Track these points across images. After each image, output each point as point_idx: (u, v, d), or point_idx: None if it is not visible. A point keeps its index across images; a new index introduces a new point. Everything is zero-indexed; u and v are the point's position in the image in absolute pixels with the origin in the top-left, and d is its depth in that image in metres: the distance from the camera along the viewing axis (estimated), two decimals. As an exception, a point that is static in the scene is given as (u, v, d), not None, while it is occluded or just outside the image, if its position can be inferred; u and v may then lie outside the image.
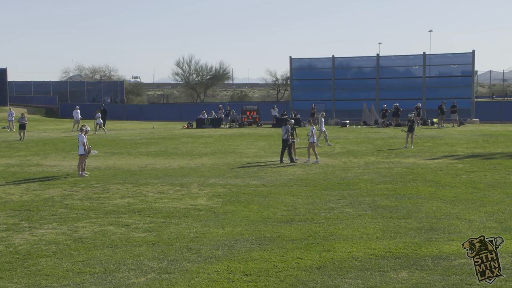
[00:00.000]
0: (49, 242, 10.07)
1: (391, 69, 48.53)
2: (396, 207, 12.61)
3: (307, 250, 9.31)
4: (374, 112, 43.93)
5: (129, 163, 21.44)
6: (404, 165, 19.47)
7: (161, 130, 40.39)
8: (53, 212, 12.64)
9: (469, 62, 45.48)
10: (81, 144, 18.23)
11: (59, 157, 23.72)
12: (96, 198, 14.34)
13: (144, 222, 11.59)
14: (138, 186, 16.07)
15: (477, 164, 19.51)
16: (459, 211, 12.14)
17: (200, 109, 50.77)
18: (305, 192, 14.75)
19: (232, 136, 34.13)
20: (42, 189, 15.72)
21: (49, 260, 9.00)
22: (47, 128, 44.42)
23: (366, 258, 8.86)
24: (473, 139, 28.88)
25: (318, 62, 50.52)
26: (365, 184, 15.72)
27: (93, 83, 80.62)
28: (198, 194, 14.63)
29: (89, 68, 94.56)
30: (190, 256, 9.10)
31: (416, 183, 15.77)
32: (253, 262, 8.76)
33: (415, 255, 8.95)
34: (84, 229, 11.06)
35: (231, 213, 12.27)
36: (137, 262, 8.83)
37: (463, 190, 14.63)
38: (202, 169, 19.48)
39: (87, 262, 8.89)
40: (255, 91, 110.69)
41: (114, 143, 29.68)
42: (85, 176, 17.91)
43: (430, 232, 10.40)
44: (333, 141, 29.68)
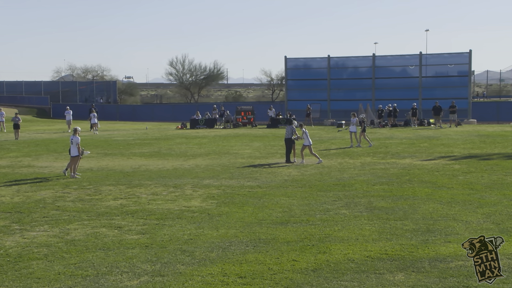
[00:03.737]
0: (40, 245, 10.03)
1: (387, 69, 48.62)
2: (392, 209, 12.62)
3: (302, 252, 9.30)
4: (370, 113, 44.00)
5: (122, 164, 21.39)
6: (401, 166, 19.51)
7: (154, 131, 40.32)
8: (44, 214, 12.59)
9: (466, 62, 45.63)
10: (75, 145, 18.20)
11: (51, 158, 23.64)
12: (88, 199, 14.29)
13: (137, 224, 11.56)
14: (131, 187, 16.04)
15: (474, 165, 19.56)
16: (456, 212, 12.16)
17: (194, 110, 50.73)
18: (301, 193, 14.75)
19: (226, 136, 34.11)
20: (33, 191, 15.65)
21: (41, 263, 8.96)
22: (38, 129, 44.27)
23: (362, 260, 8.86)
24: (470, 140, 28.96)
25: (313, 62, 50.57)
26: (361, 185, 15.73)
27: (85, 83, 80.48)
28: (192, 196, 14.61)
29: (81, 68, 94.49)
30: (184, 259, 9.08)
31: (413, 184, 15.79)
32: (248, 264, 8.75)
33: (412, 257, 8.96)
34: (76, 231, 11.03)
35: (225, 215, 12.25)
36: (130, 265, 8.81)
37: (460, 191, 14.66)
38: (196, 170, 19.46)
39: (79, 265, 8.85)
40: (250, 91, 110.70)
41: (107, 144, 29.61)
42: (77, 178, 17.86)
43: (426, 233, 10.41)
44: (329, 142, 29.72)
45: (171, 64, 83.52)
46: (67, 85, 77.38)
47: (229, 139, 31.96)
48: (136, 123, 53.05)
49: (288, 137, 21.36)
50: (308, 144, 21.16)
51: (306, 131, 21.44)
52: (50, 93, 70.72)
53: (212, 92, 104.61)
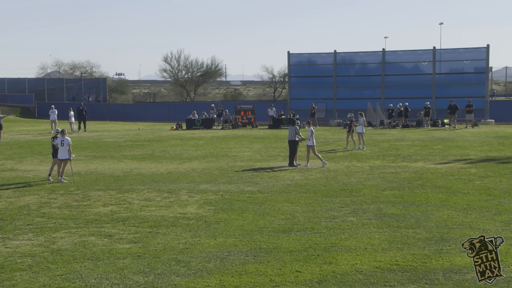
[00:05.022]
0: (24, 255, 10.03)
1: (398, 65, 48.65)
2: (403, 216, 12.62)
3: (306, 263, 9.30)
4: (379, 112, 44.01)
5: (112, 167, 21.41)
6: (412, 170, 19.51)
7: (147, 132, 40.36)
8: (28, 222, 12.59)
9: (483, 57, 45.61)
10: (66, 147, 18.23)
11: (35, 161, 23.66)
12: (76, 206, 14.30)
13: (129, 232, 11.56)
14: (122, 192, 16.05)
15: (491, 168, 19.56)
16: (472, 220, 12.16)
17: (190, 109, 50.78)
18: (305, 199, 14.75)
19: (225, 138, 34.15)
20: (16, 196, 15.66)
21: (24, 274, 8.96)
22: (22, 130, 44.32)
23: (371, 271, 8.86)
24: (487, 142, 28.97)
25: (318, 57, 50.61)
26: (369, 191, 15.74)
27: (73, 80, 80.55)
28: (188, 202, 14.62)
29: (69, 64, 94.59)
30: (179, 270, 9.08)
31: (425, 190, 15.79)
32: (248, 275, 8.75)
33: (425, 268, 8.95)
34: (63, 240, 11.03)
35: (223, 222, 12.25)
36: (121, 276, 8.81)
37: (476, 197, 14.66)
38: (192, 174, 19.47)
39: (66, 276, 8.85)
40: (250, 89, 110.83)
41: (96, 146, 29.64)
42: (63, 182, 17.88)
43: (440, 243, 10.41)
44: (335, 143, 29.74)
45: (165, 60, 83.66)
46: (53, 82, 77.41)
47: (227, 141, 31.99)
48: (128, 123, 53.09)
49: (292, 139, 21.36)
50: (312, 145, 21.16)
51: (312, 130, 21.43)
52: (35, 91, 70.74)
53: (209, 90, 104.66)
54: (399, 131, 38.04)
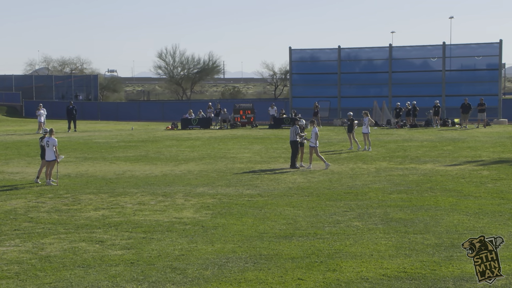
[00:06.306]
0: (11, 262, 10.04)
1: (406, 61, 48.67)
2: (411, 220, 12.63)
3: (309, 270, 9.31)
4: (386, 111, 44.03)
5: (104, 169, 21.42)
6: (421, 172, 19.53)
7: (141, 132, 40.37)
8: (15, 227, 12.60)
9: (495, 53, 45.64)
10: (51, 148, 18.24)
11: (22, 162, 23.67)
12: (65, 210, 14.31)
13: (122, 237, 11.57)
14: (115, 196, 16.06)
15: (504, 170, 19.58)
16: (484, 225, 12.17)
17: (186, 108, 50.78)
18: (307, 203, 14.77)
19: (223, 138, 34.16)
20: (3, 200, 15.67)
21: (11, 282, 8.98)
22: (8, 130, 44.32)
23: (377, 279, 8.88)
24: (500, 142, 28.99)
25: (322, 53, 50.65)
26: (375, 194, 15.75)
27: (62, 77, 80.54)
28: (184, 206, 14.63)
29: (58, 60, 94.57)
30: (175, 277, 9.09)
31: (435, 193, 15.81)
32: (247, 283, 8.76)
33: (434, 276, 8.97)
34: (52, 246, 11.04)
35: (221, 227, 12.26)
36: (113, 284, 8.82)
37: (488, 200, 14.67)
38: (189, 176, 19.48)
39: (55, 284, 8.87)
40: (250, 87, 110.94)
41: (87, 147, 29.65)
42: (52, 185, 17.89)
43: (450, 249, 10.42)
44: (340, 144, 29.76)
45: (160, 56, 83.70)
46: (42, 79, 77.41)
47: (226, 141, 32.01)
48: (120, 123, 53.09)
49: (294, 140, 21.37)
50: (314, 145, 21.17)
51: (317, 132, 21.44)
52: (22, 89, 70.72)
53: (206, 88, 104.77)
54: (407, 131, 38.05)
